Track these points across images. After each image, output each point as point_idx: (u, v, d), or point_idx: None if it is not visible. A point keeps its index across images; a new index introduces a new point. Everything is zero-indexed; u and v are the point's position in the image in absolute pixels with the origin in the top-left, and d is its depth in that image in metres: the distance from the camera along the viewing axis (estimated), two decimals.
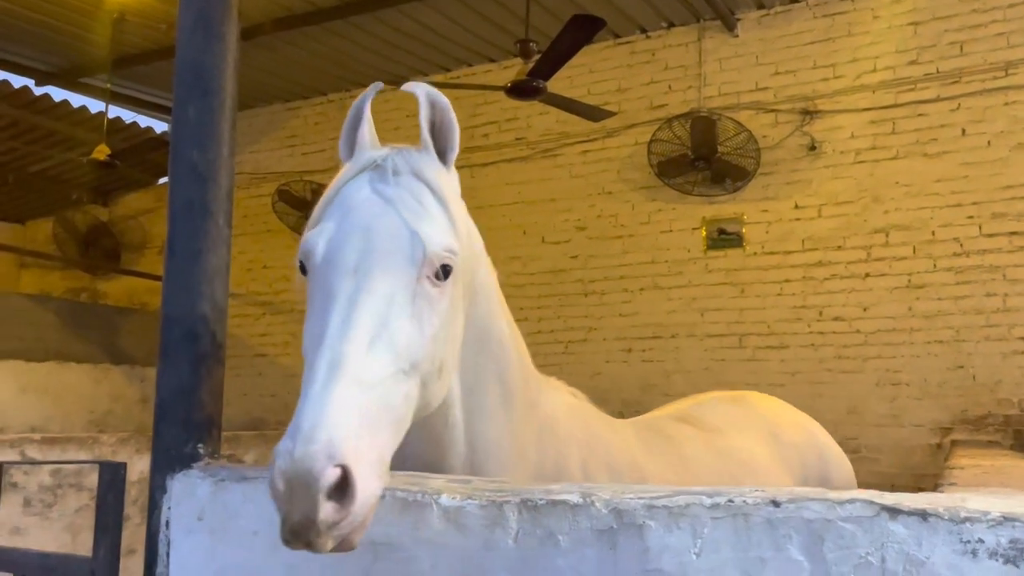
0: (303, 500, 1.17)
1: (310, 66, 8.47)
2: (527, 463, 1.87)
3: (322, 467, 1.17)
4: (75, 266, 11.01)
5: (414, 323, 1.44)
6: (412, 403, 1.43)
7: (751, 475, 2.53)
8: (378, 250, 1.45)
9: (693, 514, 1.21)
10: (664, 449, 2.33)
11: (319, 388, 1.28)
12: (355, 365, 1.31)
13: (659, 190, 7.62)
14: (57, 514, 3.63)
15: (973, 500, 1.08)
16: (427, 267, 1.47)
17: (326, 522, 1.18)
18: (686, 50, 7.76)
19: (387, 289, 1.42)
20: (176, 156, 1.81)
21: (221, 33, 1.86)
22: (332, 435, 1.20)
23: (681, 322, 7.47)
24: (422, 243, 1.47)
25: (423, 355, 1.44)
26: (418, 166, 1.58)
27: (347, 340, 1.34)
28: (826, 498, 1.14)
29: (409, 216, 1.49)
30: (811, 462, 2.92)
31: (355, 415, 1.26)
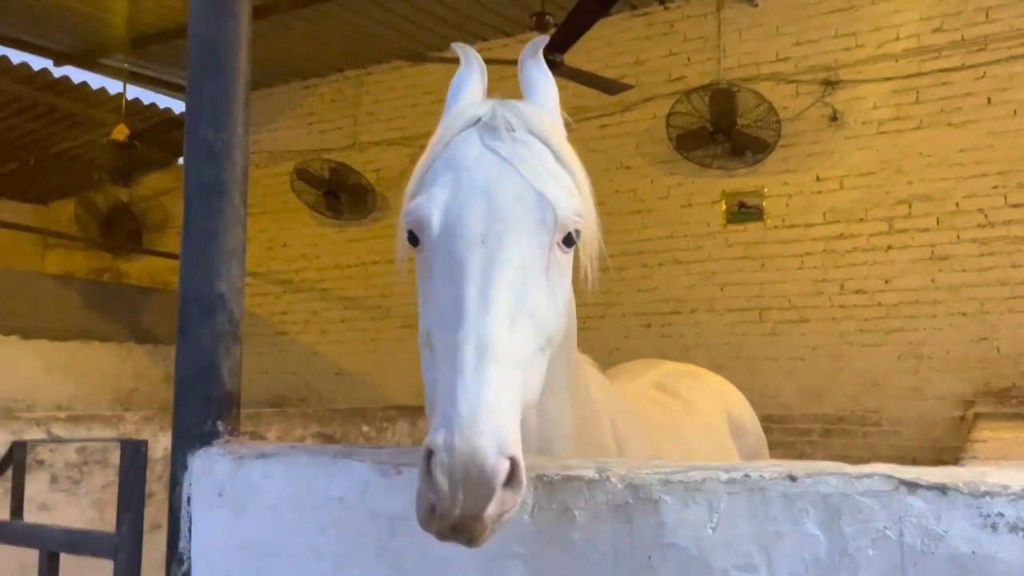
0: (474, 496, 1.10)
1: (326, 43, 8.45)
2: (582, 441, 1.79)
3: (495, 460, 1.10)
4: (97, 246, 11.12)
5: (549, 295, 1.36)
6: (543, 381, 1.36)
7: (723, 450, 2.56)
8: (506, 217, 1.34)
9: (709, 489, 1.20)
10: (666, 423, 2.33)
11: (471, 372, 1.18)
12: (504, 346, 1.23)
13: (678, 164, 7.55)
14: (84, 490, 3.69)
15: (993, 474, 1.07)
16: (559, 233, 1.38)
17: (493, 516, 1.11)
18: (705, 21, 7.66)
19: (520, 259, 1.32)
20: (191, 135, 1.81)
21: (233, 11, 1.85)
22: (498, 425, 1.12)
23: (700, 297, 7.43)
24: (552, 208, 1.37)
25: (557, 327, 1.38)
26: (529, 120, 1.47)
27: (491, 318, 1.25)
28: (844, 472, 1.14)
29: (532, 176, 1.38)
30: (752, 442, 3.00)
31: (512, 400, 1.19)
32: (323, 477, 1.50)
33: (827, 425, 6.77)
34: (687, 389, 2.75)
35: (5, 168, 10.75)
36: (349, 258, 9.21)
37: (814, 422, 6.82)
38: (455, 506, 1.10)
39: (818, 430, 6.80)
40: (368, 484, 1.46)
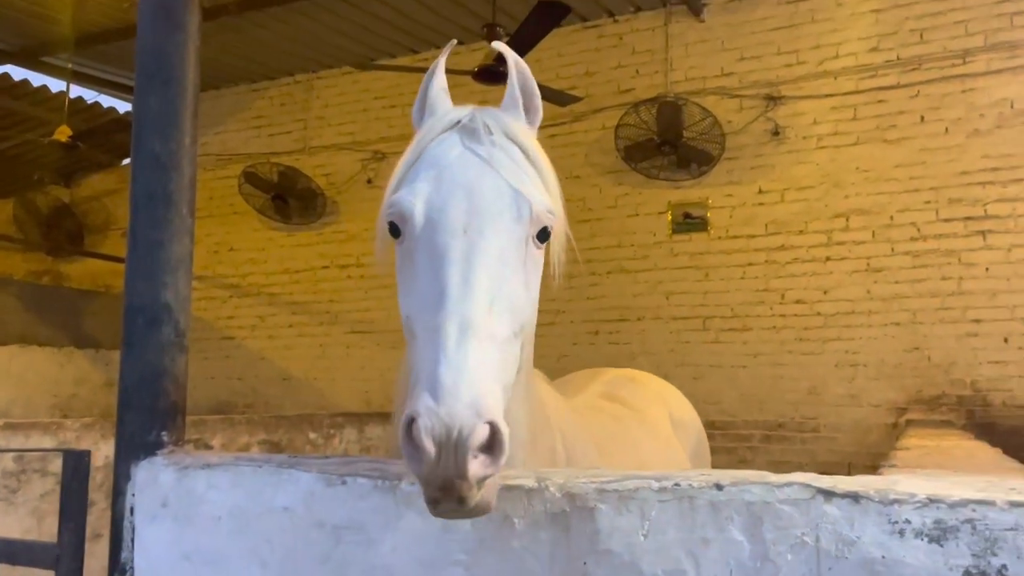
0: (452, 456, 1.16)
1: (277, 47, 8.40)
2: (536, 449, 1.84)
3: (472, 423, 1.17)
4: (37, 248, 10.84)
5: (523, 286, 1.44)
6: (516, 367, 1.43)
7: (672, 451, 2.65)
8: (485, 210, 1.43)
9: (642, 497, 1.26)
10: (618, 432, 2.40)
11: (454, 346, 1.26)
12: (485, 324, 1.31)
13: (626, 174, 7.68)
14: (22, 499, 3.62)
15: (903, 483, 1.14)
16: (533, 227, 1.47)
17: (477, 475, 1.18)
18: (653, 35, 7.81)
19: (498, 250, 1.41)
20: (138, 146, 1.82)
21: (181, 22, 1.86)
22: (477, 391, 1.20)
23: (647, 305, 7.56)
24: (528, 203, 1.46)
25: (528, 316, 1.46)
26: (509, 127, 1.57)
27: (472, 299, 1.33)
28: (766, 481, 1.20)
29: (509, 175, 1.48)
30: (694, 437, 3.13)
31: (492, 373, 1.26)
32: (268, 487, 1.53)
33: (767, 431, 6.94)
34: (631, 395, 2.83)
35: None
36: (297, 263, 9.15)
37: (755, 428, 6.99)
38: (443, 468, 1.17)
39: (758, 436, 6.97)
40: (313, 494, 1.49)
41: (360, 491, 1.45)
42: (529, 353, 1.78)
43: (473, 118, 1.56)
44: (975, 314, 6.34)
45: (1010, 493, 1.07)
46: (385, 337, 8.47)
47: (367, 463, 1.55)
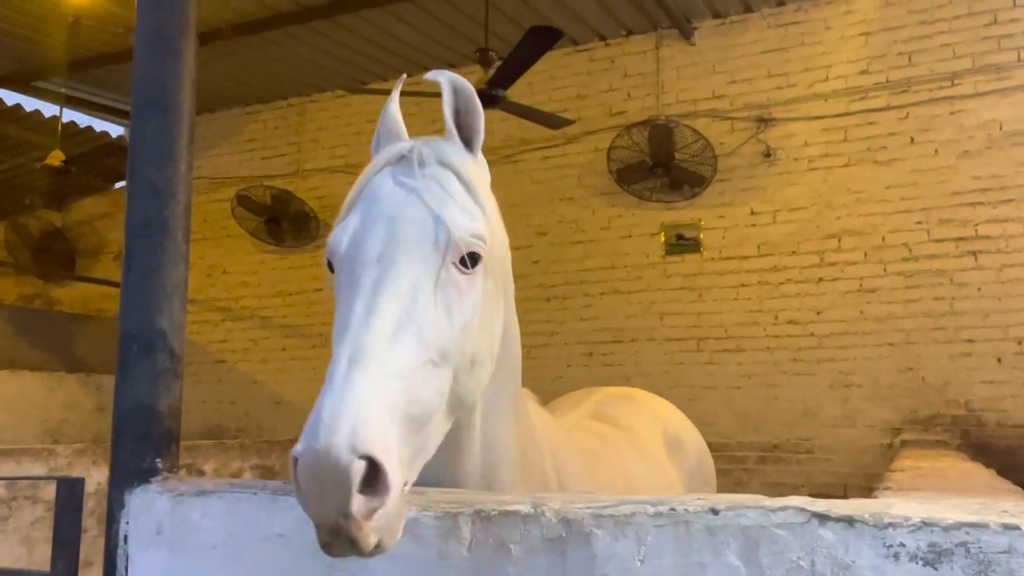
0: (332, 495, 1.14)
1: (270, 71, 8.44)
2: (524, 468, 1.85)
3: (348, 459, 1.13)
4: (28, 272, 10.81)
5: (441, 311, 1.40)
6: (444, 397, 1.39)
7: (663, 473, 2.64)
8: (402, 238, 1.42)
9: (637, 522, 1.26)
10: (607, 453, 2.39)
11: (340, 379, 1.23)
12: (378, 354, 1.27)
13: (618, 196, 7.72)
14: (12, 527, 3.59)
15: (898, 506, 1.15)
16: (452, 253, 1.44)
17: (362, 513, 1.15)
18: (644, 58, 7.88)
19: (412, 276, 1.39)
20: (134, 173, 1.83)
21: (178, 50, 1.88)
22: (355, 425, 1.16)
23: (641, 326, 7.57)
24: (446, 228, 1.44)
25: (453, 345, 1.41)
26: (444, 155, 1.55)
27: (370, 330, 1.30)
28: (761, 505, 1.21)
29: (433, 203, 1.47)
30: (692, 456, 3.10)
31: (379, 404, 1.22)
32: (263, 515, 1.52)
33: (762, 452, 6.93)
34: (623, 414, 2.82)
35: None
36: (291, 285, 9.14)
37: (750, 450, 6.98)
38: (326, 509, 1.15)
39: (754, 457, 6.96)
40: (307, 521, 1.48)
41: None
42: (517, 372, 1.80)
43: (411, 150, 1.55)
44: (968, 334, 6.37)
45: (1003, 516, 1.07)
46: None
47: None
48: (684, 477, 2.89)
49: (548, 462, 1.96)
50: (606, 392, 3.09)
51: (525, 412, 1.89)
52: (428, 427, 1.35)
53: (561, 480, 1.98)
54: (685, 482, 2.87)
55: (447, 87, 1.59)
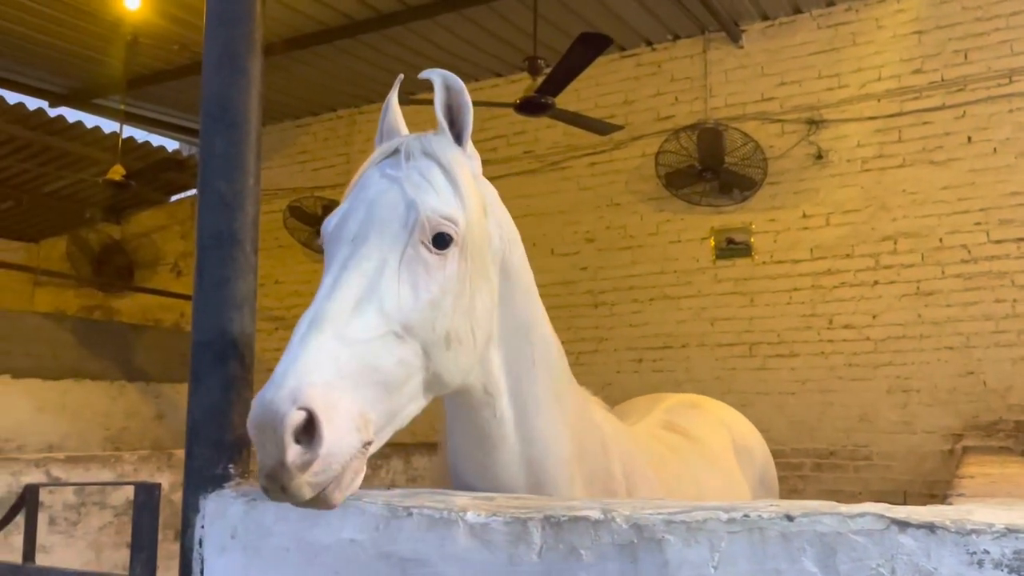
0: (271, 443, 1.24)
1: (320, 84, 8.58)
2: (584, 468, 1.87)
3: (286, 410, 1.24)
4: (89, 284, 11.13)
5: (407, 287, 1.47)
6: (414, 371, 1.47)
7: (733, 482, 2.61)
8: (375, 219, 1.52)
9: (710, 529, 1.26)
10: (676, 462, 2.38)
11: (297, 341, 1.35)
12: (335, 321, 1.38)
13: (667, 201, 7.68)
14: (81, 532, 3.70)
15: (979, 512, 1.13)
16: (419, 232, 1.51)
17: (295, 463, 1.24)
18: (692, 62, 7.84)
19: (379, 254, 1.48)
20: (204, 187, 1.88)
21: (245, 67, 1.93)
22: (300, 381, 1.27)
23: (691, 332, 7.51)
24: (416, 209, 1.52)
25: (419, 320, 1.47)
26: (429, 146, 1.64)
27: (331, 299, 1.41)
28: (838, 512, 1.20)
29: (410, 188, 1.55)
30: (759, 464, 3.07)
31: (328, 365, 1.32)
32: (335, 519, 1.55)
33: (818, 459, 6.82)
34: (692, 423, 2.80)
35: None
36: None
37: (805, 456, 6.87)
38: (264, 454, 1.26)
39: (809, 464, 6.86)
40: (379, 526, 1.50)
41: (425, 523, 1.47)
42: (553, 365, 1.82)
43: (402, 144, 1.65)
44: None
45: None
46: None
47: (432, 494, 1.57)
48: (752, 485, 2.86)
49: (617, 466, 1.96)
50: (673, 400, 3.07)
51: (581, 411, 1.91)
52: (397, 396, 1.44)
53: (631, 485, 1.98)
54: (754, 490, 2.85)
55: (439, 84, 1.68)
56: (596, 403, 2.13)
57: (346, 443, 1.30)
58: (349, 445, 1.30)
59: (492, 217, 1.73)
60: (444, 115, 1.69)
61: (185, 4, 6.87)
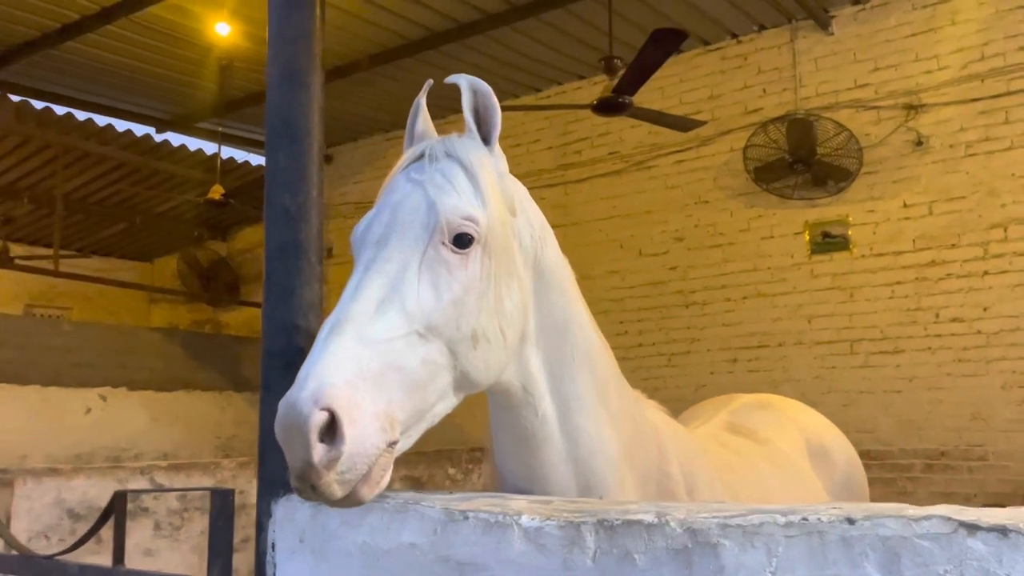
0: (297, 443, 1.28)
1: (406, 97, 8.70)
2: (636, 469, 1.85)
3: (309, 410, 1.27)
4: (198, 299, 11.66)
5: (428, 287, 1.49)
6: (439, 370, 1.48)
7: (802, 485, 2.50)
8: (398, 222, 1.55)
9: (767, 532, 1.20)
10: (740, 464, 2.30)
11: (320, 344, 1.38)
12: (356, 322, 1.40)
13: (758, 196, 7.47)
14: (185, 536, 3.86)
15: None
16: (440, 233, 1.52)
17: (322, 462, 1.27)
18: (779, 52, 7.61)
19: (401, 256, 1.50)
20: (269, 200, 1.94)
21: (306, 83, 1.98)
22: (321, 382, 1.30)
23: (787, 330, 7.28)
24: (436, 211, 1.53)
25: (441, 319, 1.48)
26: (453, 148, 1.65)
27: (354, 301, 1.43)
28: (903, 515, 1.13)
29: (432, 190, 1.57)
30: (840, 466, 2.90)
31: (349, 366, 1.34)
32: (395, 523, 1.56)
33: (928, 460, 6.49)
34: (761, 424, 2.70)
35: (114, 229, 11.44)
36: None
37: (914, 457, 6.55)
38: (292, 456, 1.30)
39: (919, 466, 6.53)
40: (437, 530, 1.51)
41: (481, 526, 1.46)
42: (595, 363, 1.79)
43: (429, 148, 1.67)
44: None
45: None
46: None
47: (489, 498, 1.56)
48: (832, 488, 2.73)
49: (675, 468, 1.92)
50: (742, 401, 2.97)
51: (631, 411, 1.89)
52: (423, 395, 1.46)
53: (691, 486, 1.93)
54: (833, 493, 2.72)
55: (466, 88, 1.70)
56: (653, 405, 2.09)
57: (370, 442, 1.32)
58: (373, 444, 1.33)
59: (522, 216, 1.73)
60: (472, 117, 1.70)
61: None
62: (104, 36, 7.04)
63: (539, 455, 1.73)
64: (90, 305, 11.97)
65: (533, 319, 1.72)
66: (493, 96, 1.71)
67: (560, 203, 8.65)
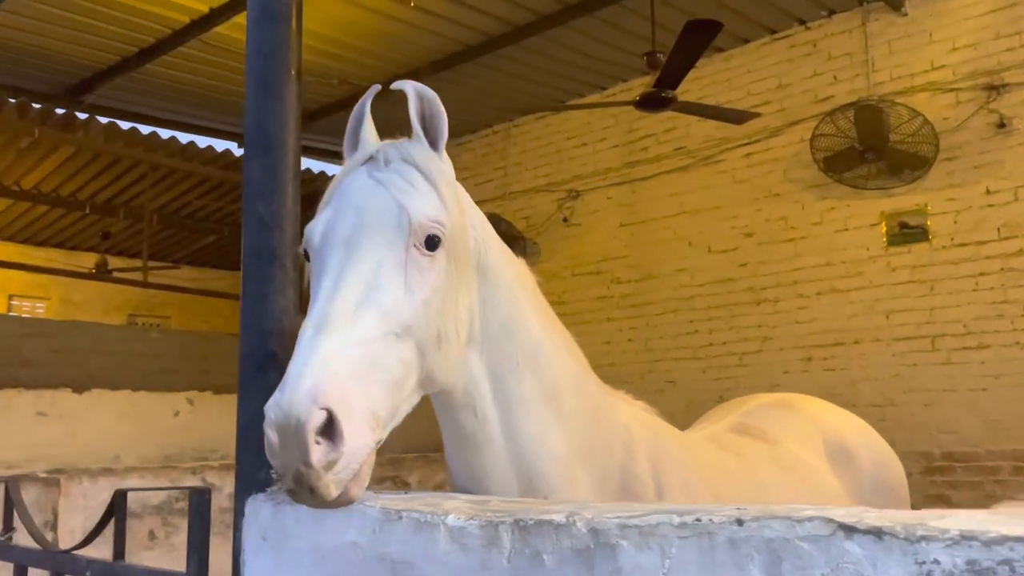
0: (293, 445, 1.27)
1: (470, 101, 8.82)
2: (592, 469, 1.84)
3: (308, 410, 1.27)
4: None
5: (403, 288, 1.51)
6: (411, 369, 1.51)
7: (812, 487, 2.38)
8: (367, 224, 1.55)
9: (662, 533, 1.18)
10: (735, 465, 2.23)
11: (306, 344, 1.38)
12: (341, 323, 1.41)
13: (830, 187, 7.20)
14: None
15: (934, 518, 0.98)
16: (413, 236, 1.54)
17: (321, 463, 1.28)
18: (850, 37, 7.32)
19: (375, 256, 1.52)
20: (245, 209, 2.00)
21: (281, 95, 2.03)
22: (316, 381, 1.30)
23: (864, 326, 6.98)
24: (407, 213, 1.55)
25: (415, 319, 1.51)
26: (407, 152, 1.66)
27: (334, 302, 1.44)
28: (788, 516, 1.08)
29: (397, 193, 1.58)
30: (867, 468, 2.74)
31: (340, 365, 1.35)
32: (342, 522, 1.59)
33: (1017, 462, 6.11)
34: (772, 425, 2.60)
35: (205, 241, 11.99)
36: None
37: (1002, 459, 6.18)
38: (288, 458, 1.28)
39: (1007, 468, 6.15)
40: (375, 529, 1.53)
41: (413, 526, 1.47)
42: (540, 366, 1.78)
43: (378, 151, 1.67)
44: None
45: None
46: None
47: (427, 498, 1.57)
48: (855, 491, 2.59)
49: (643, 467, 1.88)
50: (760, 401, 2.87)
51: (591, 411, 1.87)
52: (399, 394, 1.49)
53: (661, 487, 1.89)
54: (857, 497, 2.58)
55: (412, 94, 1.69)
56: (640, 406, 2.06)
57: (364, 440, 1.35)
58: (366, 443, 1.36)
59: (467, 219, 1.73)
60: (419, 123, 1.70)
61: (338, 41, 7.33)
62: (178, 57, 7.39)
63: (480, 456, 1.74)
64: (186, 314, 12.58)
65: (477, 321, 1.72)
66: (439, 103, 1.72)
67: (627, 202, 8.56)
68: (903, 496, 2.88)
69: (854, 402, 6.81)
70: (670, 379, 7.98)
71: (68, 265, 11.55)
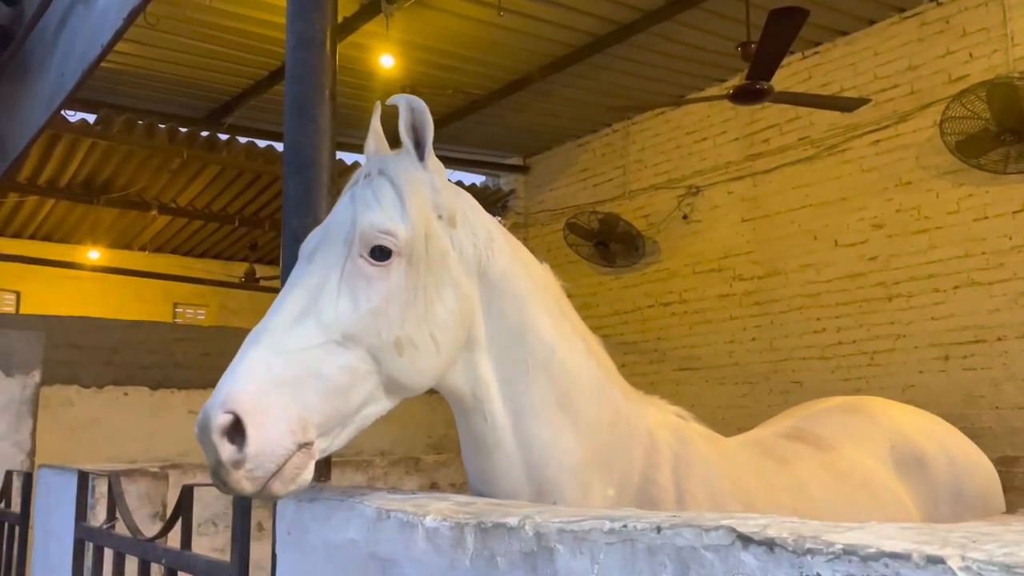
0: (207, 443, 1.42)
1: (585, 102, 8.82)
2: (608, 475, 1.85)
3: (215, 414, 1.41)
4: None
5: (347, 299, 1.58)
6: (361, 376, 1.58)
7: (871, 496, 2.23)
8: (327, 238, 1.67)
9: (593, 539, 1.19)
10: (776, 472, 2.14)
11: (238, 356, 1.51)
12: (272, 334, 1.51)
13: (966, 173, 6.71)
14: None
15: (827, 530, 0.95)
16: (357, 247, 1.61)
17: (229, 461, 1.41)
18: (987, 10, 6.79)
19: (322, 270, 1.61)
20: (283, 223, 2.15)
21: (314, 116, 2.17)
22: (231, 388, 1.43)
23: (1008, 322, 6.46)
24: (355, 226, 1.63)
25: (359, 328, 1.57)
26: (386, 166, 1.74)
27: (273, 315, 1.56)
28: (699, 524, 1.07)
29: (358, 206, 1.67)
30: (939, 475, 2.51)
31: (260, 374, 1.45)
32: (345, 520, 1.69)
33: None
34: (833, 430, 2.46)
35: None
36: (625, 304, 9.38)
37: None
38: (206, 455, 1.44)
39: None
40: (369, 527, 1.61)
41: (397, 525, 1.54)
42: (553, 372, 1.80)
43: (367, 167, 1.78)
44: None
45: (932, 545, 0.84)
46: (712, 373, 8.30)
47: (417, 499, 1.64)
48: (926, 501, 2.41)
49: (664, 474, 1.86)
50: (825, 404, 2.72)
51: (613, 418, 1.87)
52: (345, 399, 1.56)
53: (683, 494, 1.87)
54: (928, 506, 2.41)
55: (404, 107, 1.75)
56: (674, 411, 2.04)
57: (275, 443, 1.45)
58: (279, 445, 1.45)
59: (465, 226, 1.77)
60: (409, 135, 1.76)
61: (449, 53, 7.53)
62: None
63: (490, 459, 1.79)
64: None
65: (483, 326, 1.76)
66: (426, 112, 1.78)
67: (749, 196, 8.30)
68: (994, 505, 2.65)
69: (997, 404, 6.33)
70: (796, 380, 7.67)
71: (224, 275, 12.46)
